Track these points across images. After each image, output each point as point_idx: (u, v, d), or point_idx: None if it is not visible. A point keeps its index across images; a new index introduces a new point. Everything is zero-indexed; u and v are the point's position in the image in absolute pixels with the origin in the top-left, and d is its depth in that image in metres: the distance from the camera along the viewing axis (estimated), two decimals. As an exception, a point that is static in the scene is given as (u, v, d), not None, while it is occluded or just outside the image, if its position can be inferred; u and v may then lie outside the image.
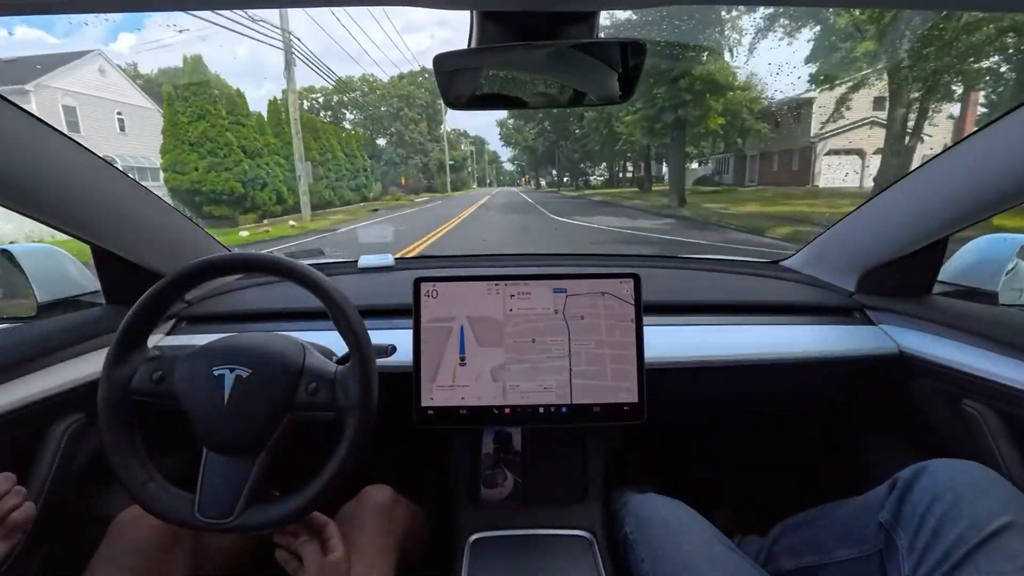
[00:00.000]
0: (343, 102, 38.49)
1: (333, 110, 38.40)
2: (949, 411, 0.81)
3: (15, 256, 0.96)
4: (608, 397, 0.77)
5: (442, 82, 0.58)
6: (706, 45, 14.34)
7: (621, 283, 0.79)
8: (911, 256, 0.90)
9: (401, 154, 37.99)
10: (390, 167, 35.56)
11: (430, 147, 40.28)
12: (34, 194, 0.71)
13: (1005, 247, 0.94)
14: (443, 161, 40.85)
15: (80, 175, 0.75)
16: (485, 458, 0.92)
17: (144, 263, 0.93)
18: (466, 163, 60.62)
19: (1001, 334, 0.76)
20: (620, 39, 0.53)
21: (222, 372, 0.62)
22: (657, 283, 1.04)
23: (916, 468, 0.62)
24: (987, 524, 0.51)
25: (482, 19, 0.50)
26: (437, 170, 41.42)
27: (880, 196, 0.92)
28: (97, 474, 0.82)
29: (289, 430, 0.63)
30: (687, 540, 0.70)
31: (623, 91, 0.58)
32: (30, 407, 0.71)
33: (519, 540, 0.82)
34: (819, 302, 1.01)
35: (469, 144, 71.53)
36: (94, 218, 0.82)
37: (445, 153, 40.96)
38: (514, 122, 43.94)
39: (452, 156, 46.61)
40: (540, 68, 0.59)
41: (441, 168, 41.25)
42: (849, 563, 0.65)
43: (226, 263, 0.67)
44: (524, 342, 0.78)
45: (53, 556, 0.75)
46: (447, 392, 0.78)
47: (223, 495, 0.59)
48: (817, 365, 0.90)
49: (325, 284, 0.63)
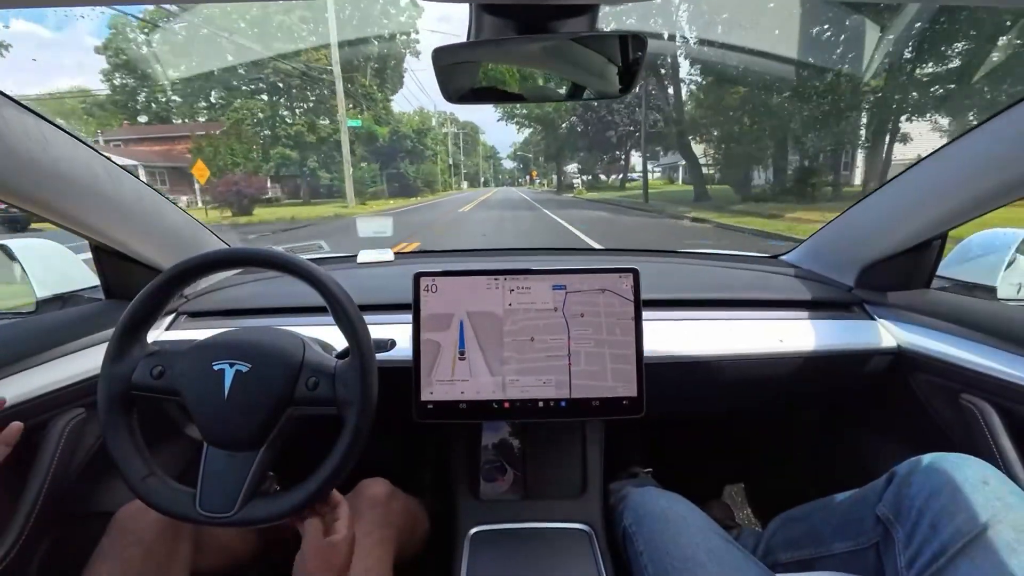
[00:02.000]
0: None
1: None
2: (947, 405, 0.82)
3: (13, 251, 0.96)
4: (607, 391, 0.77)
5: (440, 76, 0.57)
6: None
7: (620, 277, 0.79)
8: (910, 251, 0.90)
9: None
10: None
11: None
12: (33, 189, 0.70)
13: (1003, 242, 0.94)
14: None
15: (79, 170, 0.75)
16: (484, 452, 0.92)
17: (143, 258, 0.92)
18: (436, 148, 37.04)
19: (999, 329, 0.76)
20: (620, 32, 0.52)
21: (222, 367, 0.62)
22: (657, 278, 1.04)
23: (914, 462, 0.62)
24: (983, 518, 0.52)
25: (481, 12, 0.50)
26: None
27: (880, 191, 0.92)
28: (98, 469, 0.82)
29: (289, 424, 0.63)
30: (686, 533, 0.70)
31: (623, 84, 0.58)
32: (30, 402, 0.71)
33: (519, 533, 0.83)
34: (818, 297, 1.01)
35: (453, 127, 50.18)
36: (93, 213, 0.81)
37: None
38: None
39: (403, 128, 30.39)
40: (539, 61, 0.58)
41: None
42: (846, 555, 0.66)
43: (225, 258, 0.66)
44: (524, 341, 0.78)
45: (54, 551, 0.76)
46: (446, 386, 0.78)
47: (224, 489, 0.59)
48: (816, 359, 0.90)
49: (324, 279, 0.63)
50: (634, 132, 24.33)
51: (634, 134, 24.65)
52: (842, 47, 11.80)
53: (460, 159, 60.28)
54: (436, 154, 36.45)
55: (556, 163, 36.86)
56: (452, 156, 49.51)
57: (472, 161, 70.86)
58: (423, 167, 32.51)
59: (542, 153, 42.36)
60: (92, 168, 0.77)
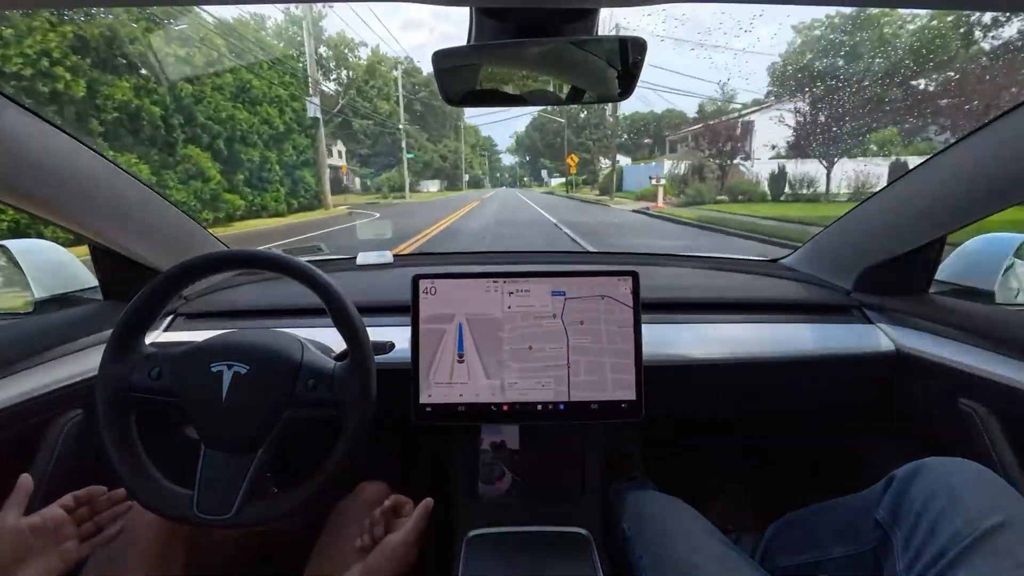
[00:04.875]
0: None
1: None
2: (945, 409, 0.82)
3: (12, 252, 0.96)
4: (606, 394, 0.77)
5: (441, 78, 0.57)
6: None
7: (620, 281, 0.79)
8: (909, 255, 0.91)
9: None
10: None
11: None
12: (31, 189, 0.70)
13: (1002, 246, 0.95)
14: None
15: (78, 170, 0.75)
16: (483, 454, 0.92)
17: (141, 259, 0.92)
18: (394, 121, 24.45)
19: (997, 333, 0.76)
20: (620, 36, 0.53)
21: (220, 369, 0.62)
22: (656, 281, 1.05)
23: (912, 466, 0.62)
24: (982, 522, 0.52)
25: (481, 16, 0.50)
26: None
27: (878, 195, 0.92)
28: (95, 470, 0.82)
29: (287, 426, 0.63)
30: (684, 537, 0.70)
31: (622, 88, 0.58)
32: (28, 403, 0.71)
33: (516, 537, 0.82)
34: (817, 300, 1.01)
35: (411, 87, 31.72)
36: (92, 214, 0.81)
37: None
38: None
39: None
40: (539, 65, 0.59)
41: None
42: (845, 560, 0.66)
43: (224, 259, 0.66)
44: (522, 349, 0.78)
45: None
46: (445, 389, 0.78)
47: (221, 491, 0.59)
48: (814, 363, 0.90)
49: (323, 281, 0.63)
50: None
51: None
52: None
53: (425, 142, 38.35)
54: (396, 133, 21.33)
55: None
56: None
57: (444, 145, 43.49)
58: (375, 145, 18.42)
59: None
60: (92, 169, 0.77)
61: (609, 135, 32.99)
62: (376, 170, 34.51)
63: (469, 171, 53.19)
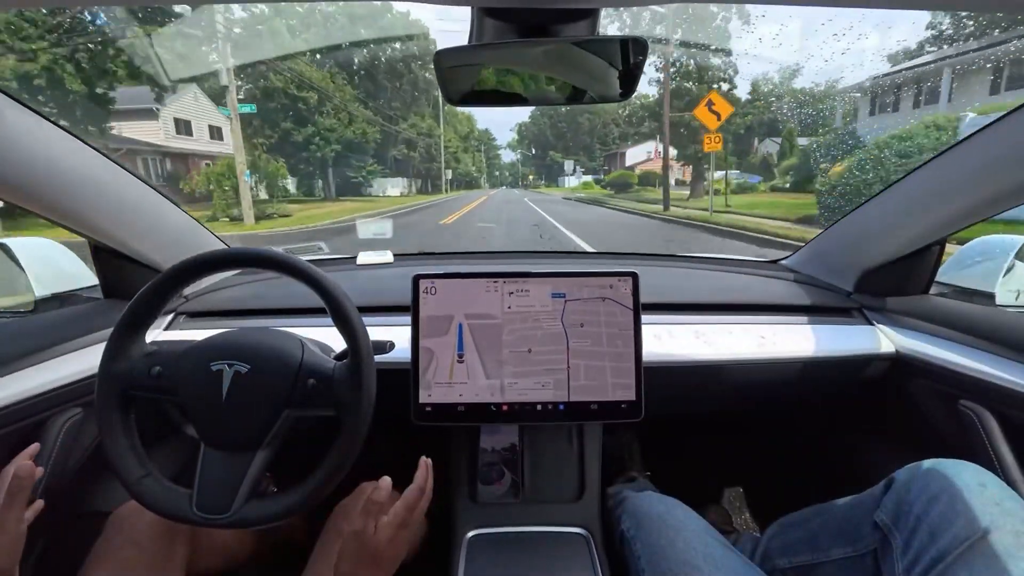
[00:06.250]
0: None
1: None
2: (945, 411, 0.82)
3: (12, 250, 0.96)
4: (606, 395, 0.77)
5: (442, 78, 0.57)
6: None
7: (620, 281, 0.79)
8: (909, 257, 0.91)
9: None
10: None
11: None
12: (32, 187, 0.70)
13: (1002, 248, 0.95)
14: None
15: (80, 169, 0.75)
16: (483, 455, 0.92)
17: (142, 258, 0.92)
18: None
19: (998, 335, 0.76)
20: (622, 36, 0.53)
21: (220, 367, 0.62)
22: (656, 281, 1.04)
23: (912, 468, 0.62)
24: (981, 524, 0.52)
25: (483, 15, 0.50)
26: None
27: (879, 197, 0.92)
28: (95, 468, 0.82)
29: (287, 426, 0.63)
30: (683, 537, 0.70)
31: (624, 88, 0.58)
32: (27, 401, 0.71)
33: (516, 537, 0.82)
34: (817, 302, 1.01)
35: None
36: (93, 212, 0.81)
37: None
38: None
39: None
40: (541, 65, 0.59)
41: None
42: (844, 562, 0.65)
43: (225, 258, 0.66)
44: (522, 352, 0.78)
45: (50, 550, 0.75)
46: (445, 389, 0.78)
47: (220, 490, 0.59)
48: (814, 364, 0.90)
49: (323, 280, 0.63)
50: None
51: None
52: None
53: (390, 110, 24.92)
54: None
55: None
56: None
57: (420, 120, 28.19)
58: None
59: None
60: (93, 168, 0.77)
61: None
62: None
63: (454, 166, 37.69)
